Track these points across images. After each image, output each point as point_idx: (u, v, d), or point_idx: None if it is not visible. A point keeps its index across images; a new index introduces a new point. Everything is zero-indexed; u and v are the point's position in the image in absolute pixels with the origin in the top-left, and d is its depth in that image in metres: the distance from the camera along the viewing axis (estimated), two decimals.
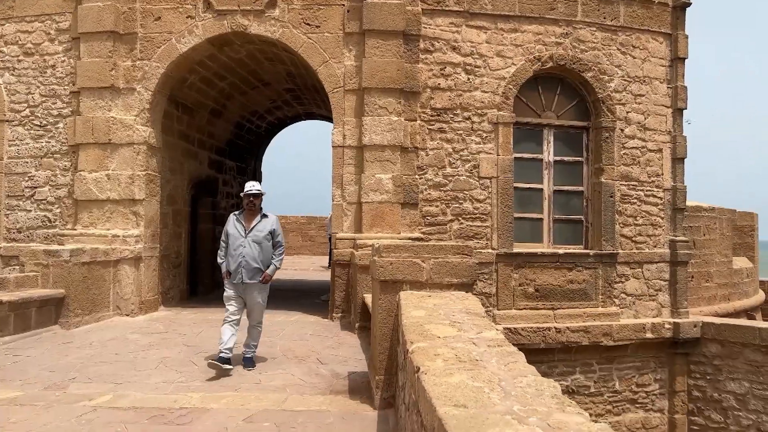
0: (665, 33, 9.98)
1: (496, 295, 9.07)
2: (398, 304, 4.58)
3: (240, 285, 5.85)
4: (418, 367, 2.85)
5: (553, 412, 2.27)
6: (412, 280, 4.81)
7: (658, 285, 9.86)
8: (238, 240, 5.89)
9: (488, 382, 2.61)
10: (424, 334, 3.52)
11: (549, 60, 9.32)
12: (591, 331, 9.13)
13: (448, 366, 2.85)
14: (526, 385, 2.63)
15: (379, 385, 4.67)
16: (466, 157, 9.06)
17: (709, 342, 9.54)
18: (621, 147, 9.69)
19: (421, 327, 3.68)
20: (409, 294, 4.69)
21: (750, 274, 14.93)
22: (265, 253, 5.94)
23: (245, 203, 6.00)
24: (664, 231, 9.98)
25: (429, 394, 2.45)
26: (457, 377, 2.67)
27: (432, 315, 4.03)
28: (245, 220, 5.97)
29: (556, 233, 9.67)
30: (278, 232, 6.07)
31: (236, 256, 5.85)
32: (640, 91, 9.84)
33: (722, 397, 9.34)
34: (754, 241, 16.43)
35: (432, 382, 2.60)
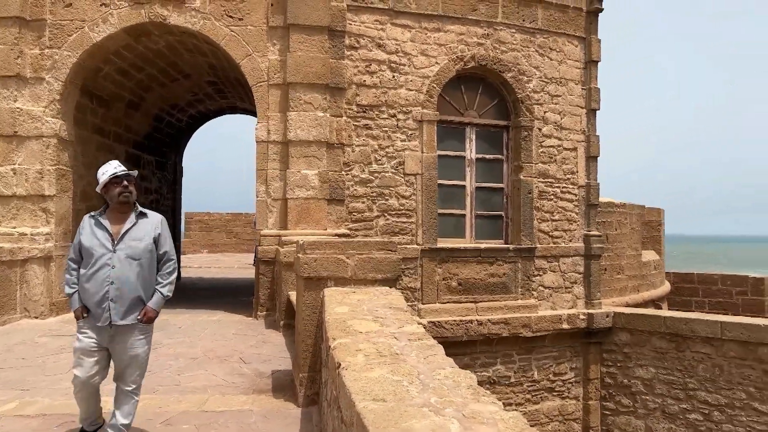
0: (580, 37, 10.45)
1: (421, 289, 9.21)
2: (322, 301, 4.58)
3: (106, 330, 3.70)
4: (339, 363, 2.87)
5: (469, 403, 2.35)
6: (337, 276, 4.82)
7: (573, 278, 10.33)
8: (102, 256, 3.71)
9: (407, 376, 2.66)
10: (346, 330, 3.54)
11: (471, 60, 9.54)
12: (511, 323, 9.46)
13: (369, 361, 2.88)
14: (444, 378, 2.70)
15: (303, 382, 4.65)
16: (391, 153, 9.14)
17: (620, 331, 10.10)
18: (539, 145, 10.07)
19: (344, 323, 3.69)
20: (334, 290, 4.70)
21: (657, 266, 15.89)
22: (148, 273, 3.83)
23: (113, 194, 3.83)
24: (578, 226, 10.46)
25: (349, 389, 2.47)
26: (378, 372, 2.71)
27: (355, 311, 4.05)
28: (111, 223, 3.82)
29: (478, 229, 9.93)
30: (166, 239, 3.95)
31: (99, 282, 3.68)
32: (557, 92, 10.26)
33: (631, 383, 9.91)
34: (661, 235, 17.50)
35: (352, 377, 2.62)
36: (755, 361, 8.75)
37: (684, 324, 9.42)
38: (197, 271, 17.17)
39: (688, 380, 9.34)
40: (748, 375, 8.80)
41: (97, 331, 3.72)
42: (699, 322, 9.31)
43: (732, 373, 8.94)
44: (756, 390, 8.72)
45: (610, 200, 13.76)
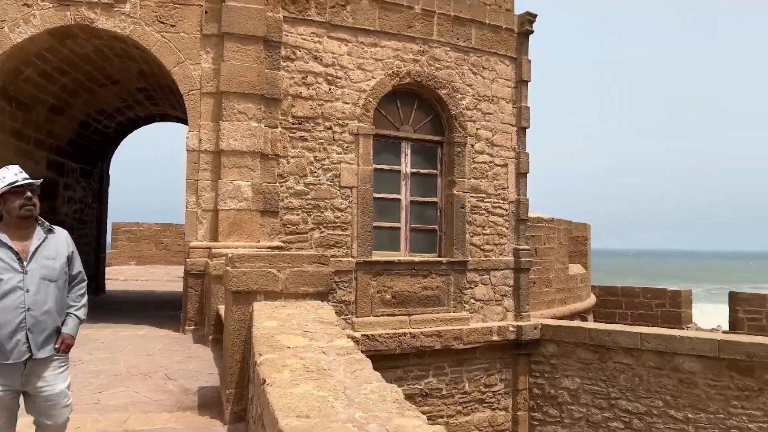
0: (511, 57, 10.79)
1: (356, 302, 9.20)
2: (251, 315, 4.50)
3: (19, 368, 3.16)
4: (264, 379, 2.82)
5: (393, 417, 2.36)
6: (267, 290, 4.74)
7: (503, 290, 10.58)
8: (10, 279, 3.16)
9: (333, 391, 2.64)
10: (274, 345, 3.48)
11: (407, 76, 9.68)
12: (443, 335, 9.57)
13: (295, 377, 2.85)
14: (370, 392, 2.70)
15: (230, 398, 4.54)
16: (327, 166, 9.12)
17: (548, 342, 10.41)
18: (471, 161, 10.29)
19: (272, 338, 3.64)
20: (263, 304, 4.63)
21: (583, 279, 16.50)
22: (64, 296, 3.39)
23: (12, 207, 3.22)
24: (509, 240, 10.74)
25: (273, 406, 2.43)
26: (303, 387, 2.68)
27: (284, 325, 4.00)
28: (14, 240, 3.23)
29: (412, 242, 10.03)
30: (77, 258, 3.53)
31: (11, 309, 3.13)
32: (489, 109, 10.54)
33: (558, 393, 10.21)
34: (587, 249, 18.21)
35: (277, 393, 2.58)
36: (671, 370, 9.20)
37: (607, 335, 9.81)
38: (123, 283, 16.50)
39: (610, 390, 9.71)
40: (665, 384, 9.25)
41: (6, 373, 3.11)
42: (620, 333, 9.72)
43: (650, 382, 9.37)
44: (672, 398, 9.17)
45: (540, 215, 14.21)
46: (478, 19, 10.40)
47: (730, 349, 8.78)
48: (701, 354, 9.00)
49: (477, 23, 10.39)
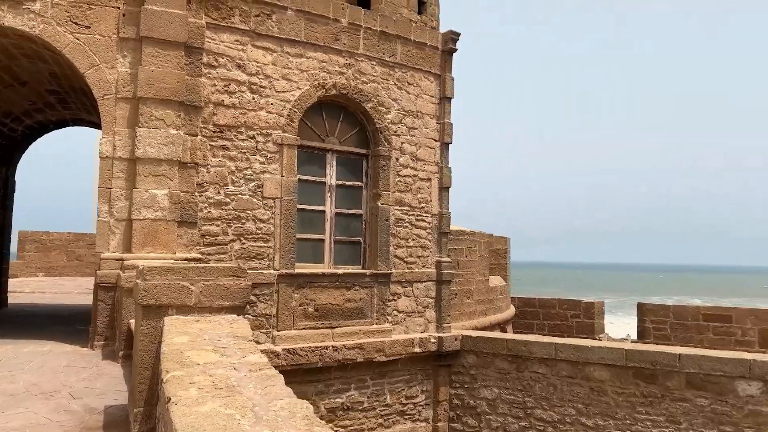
0: (435, 74, 11.03)
1: (277, 315, 9.05)
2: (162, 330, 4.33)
3: None
4: (169, 398, 2.71)
5: None
6: (180, 304, 4.58)
7: (425, 302, 10.71)
8: None
9: (241, 409, 2.57)
10: (183, 361, 3.36)
11: (333, 88, 9.69)
12: (366, 347, 9.57)
13: (203, 394, 2.76)
14: (280, 408, 2.65)
15: (138, 418, 4.34)
16: (250, 176, 8.96)
17: (467, 353, 10.61)
18: (396, 175, 10.41)
19: (181, 354, 3.51)
20: (175, 319, 4.46)
21: (503, 291, 16.97)
22: None
23: None
24: (431, 252, 10.90)
25: (176, 425, 2.34)
26: (210, 405, 2.59)
27: (196, 341, 3.87)
28: None
29: (337, 254, 10.00)
30: None
31: None
32: (414, 124, 10.71)
33: (477, 403, 10.42)
34: (507, 261, 18.76)
35: (181, 412, 2.49)
36: (583, 379, 9.59)
37: (523, 346, 10.11)
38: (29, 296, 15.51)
39: (527, 399, 10.00)
40: (577, 392, 9.62)
41: None
42: (536, 344, 10.05)
43: (564, 391, 9.72)
44: (583, 406, 9.55)
45: (461, 228, 14.52)
46: (403, 35, 10.57)
47: (636, 358, 9.26)
48: (610, 363, 9.44)
49: (402, 39, 10.56)
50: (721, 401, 8.75)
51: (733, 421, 8.65)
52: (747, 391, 8.63)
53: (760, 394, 8.56)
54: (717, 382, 8.81)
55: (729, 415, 8.69)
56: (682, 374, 9.01)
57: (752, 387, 8.61)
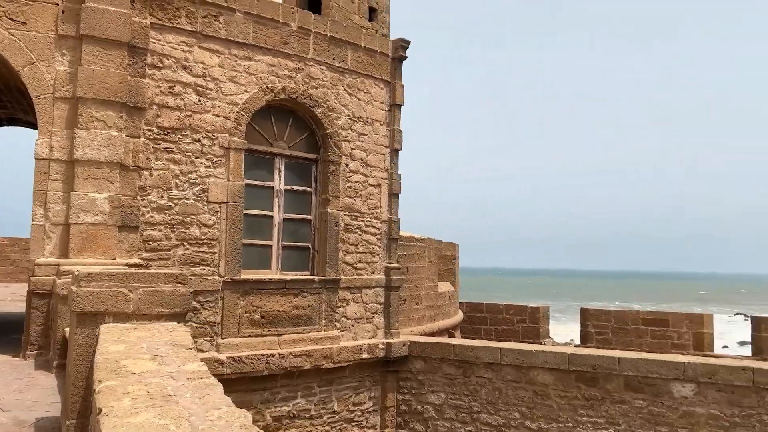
0: (385, 80, 11.08)
1: (222, 323, 8.86)
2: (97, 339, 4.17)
3: None
4: (101, 409, 2.61)
5: None
6: (117, 311, 4.43)
7: (374, 308, 10.71)
8: None
9: (176, 419, 2.50)
10: (118, 371, 3.24)
11: (281, 92, 9.60)
12: (313, 354, 9.48)
13: (136, 405, 2.66)
14: (217, 418, 2.59)
15: (71, 430, 4.16)
16: (194, 180, 8.77)
17: (415, 359, 10.66)
18: (346, 180, 10.38)
19: (117, 363, 3.38)
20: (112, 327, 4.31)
21: (452, 296, 17.14)
22: None
23: None
24: (381, 258, 10.91)
25: None
26: (143, 416, 2.50)
27: (132, 349, 3.74)
28: None
29: (284, 260, 9.89)
30: None
31: None
32: (364, 130, 10.72)
33: (424, 409, 10.47)
34: (456, 267, 18.97)
35: (112, 424, 2.39)
36: (527, 383, 9.77)
37: (470, 351, 10.23)
38: None
39: (473, 404, 10.11)
40: (522, 396, 9.79)
41: None
42: (482, 349, 10.18)
43: (509, 395, 9.88)
44: (528, 409, 9.73)
45: (411, 235, 14.60)
46: (354, 41, 10.58)
47: (578, 361, 9.50)
48: (553, 367, 9.65)
49: (353, 45, 10.57)
50: (657, 403, 9.07)
51: (668, 421, 8.98)
52: (681, 393, 8.97)
53: (694, 395, 8.91)
54: (654, 384, 9.13)
55: (664, 416, 9.01)
56: (621, 377, 9.29)
57: (686, 388, 8.95)
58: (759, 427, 8.55)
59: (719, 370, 8.81)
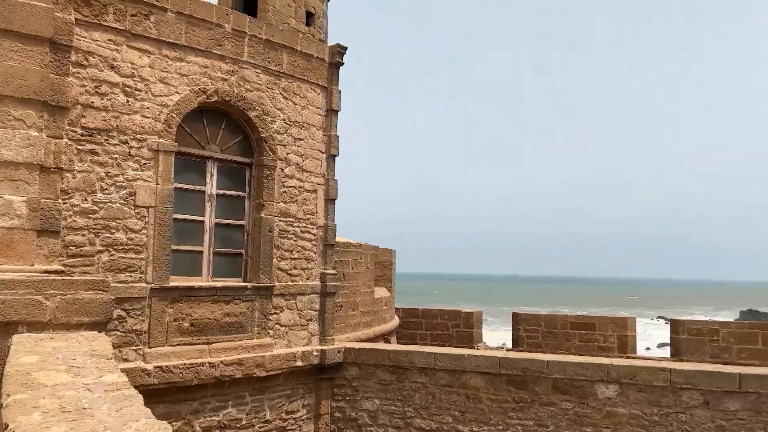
0: (322, 86, 11.04)
1: (149, 331, 8.55)
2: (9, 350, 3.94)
3: None
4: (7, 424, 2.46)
5: None
6: (32, 320, 4.21)
7: (309, 315, 10.61)
8: None
9: None
10: (28, 383, 3.07)
11: (214, 94, 9.40)
12: (245, 363, 9.29)
13: (47, 419, 2.53)
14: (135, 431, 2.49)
15: None
16: (121, 183, 8.44)
17: (350, 365, 10.62)
18: (281, 185, 10.26)
19: (28, 375, 3.20)
20: (26, 337, 4.09)
21: (388, 302, 17.21)
22: None
23: None
24: (316, 265, 10.83)
25: None
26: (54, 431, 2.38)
27: (47, 360, 3.55)
28: None
29: (216, 266, 9.65)
30: None
31: None
32: (300, 135, 10.64)
33: (358, 415, 10.44)
34: (392, 273, 19.07)
35: None
36: (460, 387, 9.92)
37: (404, 356, 10.29)
38: None
39: (406, 409, 10.17)
40: (455, 400, 9.93)
41: None
42: (416, 354, 10.27)
43: (442, 400, 10.00)
44: (460, 413, 9.87)
45: (348, 241, 14.59)
46: (290, 45, 10.50)
47: (508, 365, 9.73)
48: (485, 371, 9.84)
49: (289, 49, 10.48)
50: (583, 404, 9.40)
51: (593, 422, 9.32)
52: (605, 394, 9.33)
53: (617, 395, 9.29)
54: (580, 386, 9.45)
55: (590, 416, 9.35)
56: (549, 380, 9.57)
57: (610, 389, 9.32)
58: (676, 425, 9.00)
59: (639, 371, 9.22)
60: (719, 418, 8.84)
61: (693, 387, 8.98)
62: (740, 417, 8.77)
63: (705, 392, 8.93)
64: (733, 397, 8.82)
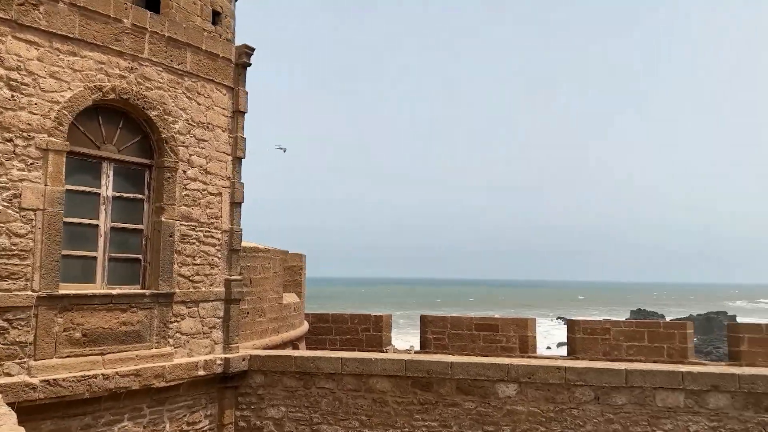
0: (228, 86, 10.77)
1: (35, 343, 7.97)
2: None
3: None
4: None
5: None
6: None
7: (213, 322, 10.29)
8: None
9: None
10: None
11: (111, 92, 8.94)
12: (143, 374, 8.87)
13: None
14: None
15: None
16: (4, 184, 7.84)
17: (255, 373, 10.40)
18: (183, 188, 9.90)
19: None
20: None
21: (297, 308, 17.01)
22: None
23: None
24: (221, 271, 10.53)
25: None
26: None
27: None
28: None
29: (111, 273, 9.17)
30: None
31: None
32: (204, 136, 10.32)
33: (263, 424, 10.24)
34: (302, 278, 18.89)
35: None
36: (367, 391, 9.96)
37: (311, 362, 10.21)
38: None
39: (313, 415, 10.09)
40: (361, 405, 9.96)
41: None
42: (324, 359, 10.21)
43: (349, 404, 10.00)
44: (366, 417, 9.91)
45: (255, 245, 14.30)
46: (194, 43, 10.17)
47: (414, 367, 9.89)
48: (392, 374, 9.94)
49: (193, 48, 10.15)
50: (484, 404, 9.71)
51: (494, 420, 9.64)
52: (505, 393, 9.69)
53: (516, 394, 9.67)
54: (482, 386, 9.76)
55: (491, 415, 9.67)
56: (453, 381, 9.81)
57: (509, 388, 9.69)
58: (569, 420, 9.48)
59: (537, 370, 9.65)
60: (608, 412, 9.41)
61: (585, 384, 9.50)
62: (627, 410, 9.37)
63: (596, 388, 9.48)
64: (621, 391, 9.41)
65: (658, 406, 9.29)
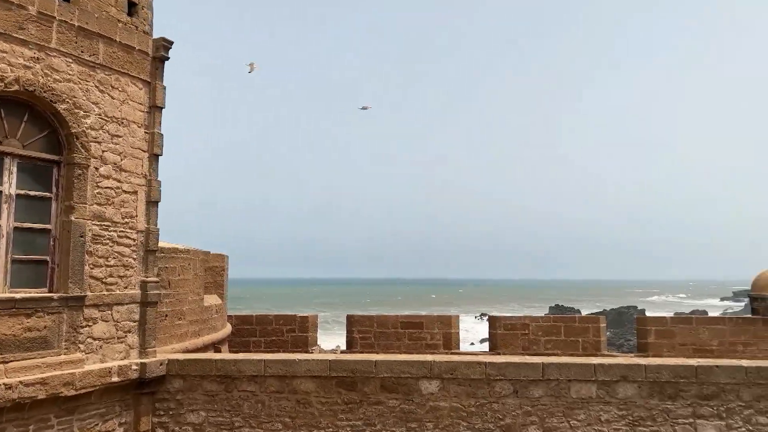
0: (145, 80, 10.34)
1: None
2: None
3: None
4: None
5: None
6: None
7: (128, 326, 9.85)
8: None
9: None
10: None
11: (14, 83, 8.38)
12: (50, 382, 8.37)
13: None
14: None
15: None
16: None
17: (174, 378, 10.04)
18: (95, 186, 9.42)
19: None
20: None
21: (219, 310, 16.58)
22: None
23: None
24: (136, 272, 10.09)
25: None
26: None
27: None
28: None
29: (14, 275, 8.59)
30: None
31: None
32: (118, 132, 9.85)
33: (182, 430, 9.90)
34: (224, 279, 18.43)
35: None
36: (290, 392, 9.84)
37: (233, 365, 9.96)
38: None
39: (235, 419, 9.85)
40: (285, 407, 9.82)
41: None
42: (246, 362, 9.99)
43: (272, 407, 9.83)
44: (290, 419, 9.79)
45: (175, 246, 13.83)
46: (108, 35, 9.69)
47: (339, 367, 9.85)
48: (316, 375, 9.86)
49: (106, 39, 9.67)
50: (408, 401, 9.80)
51: (418, 417, 9.75)
52: (428, 389, 9.82)
53: (439, 390, 9.82)
54: (405, 383, 9.85)
55: (414, 412, 9.77)
56: (377, 379, 9.84)
57: (432, 385, 9.83)
58: (490, 414, 9.73)
59: (459, 366, 9.84)
60: (526, 404, 9.72)
61: (504, 378, 9.78)
62: (543, 402, 9.72)
63: (514, 382, 9.77)
64: (538, 384, 9.75)
65: (572, 398, 9.69)
